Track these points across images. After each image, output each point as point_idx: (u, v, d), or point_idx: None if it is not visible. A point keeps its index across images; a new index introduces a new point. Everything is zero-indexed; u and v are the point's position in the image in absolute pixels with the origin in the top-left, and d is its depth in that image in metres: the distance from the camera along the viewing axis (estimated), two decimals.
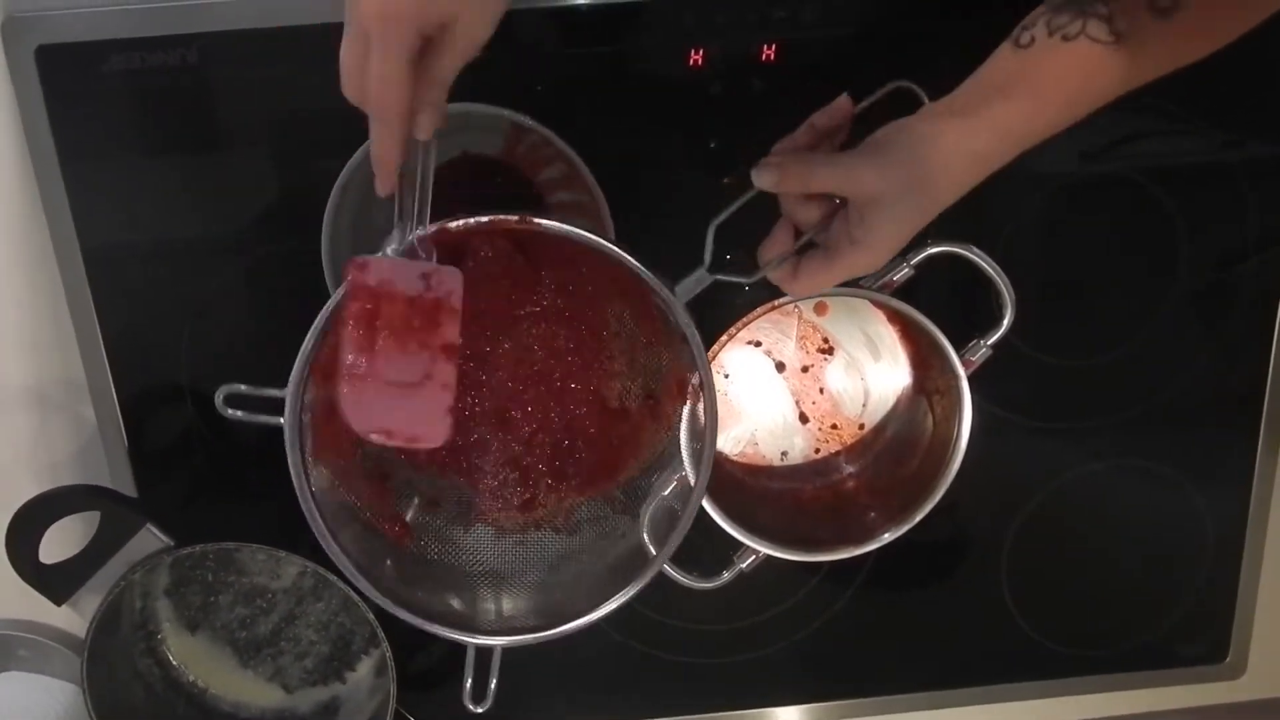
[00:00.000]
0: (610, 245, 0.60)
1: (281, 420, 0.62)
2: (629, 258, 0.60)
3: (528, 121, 0.66)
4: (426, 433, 0.58)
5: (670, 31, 0.68)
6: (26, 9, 0.65)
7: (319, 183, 0.67)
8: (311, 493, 0.63)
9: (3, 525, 0.72)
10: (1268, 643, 0.89)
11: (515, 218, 0.59)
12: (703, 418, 0.65)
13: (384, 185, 0.54)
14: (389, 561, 0.67)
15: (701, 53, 0.69)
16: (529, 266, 0.65)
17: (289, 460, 0.63)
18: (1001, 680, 0.88)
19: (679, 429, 0.69)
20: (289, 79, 0.68)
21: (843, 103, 0.61)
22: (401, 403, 0.58)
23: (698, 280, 0.63)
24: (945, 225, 0.75)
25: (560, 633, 0.67)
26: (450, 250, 0.60)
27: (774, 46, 0.69)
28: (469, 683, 0.71)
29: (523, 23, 0.67)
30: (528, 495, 0.69)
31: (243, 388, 0.64)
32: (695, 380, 0.65)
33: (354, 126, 0.65)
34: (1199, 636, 0.88)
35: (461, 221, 0.59)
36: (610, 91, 0.70)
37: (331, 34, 0.66)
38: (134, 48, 0.66)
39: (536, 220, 0.59)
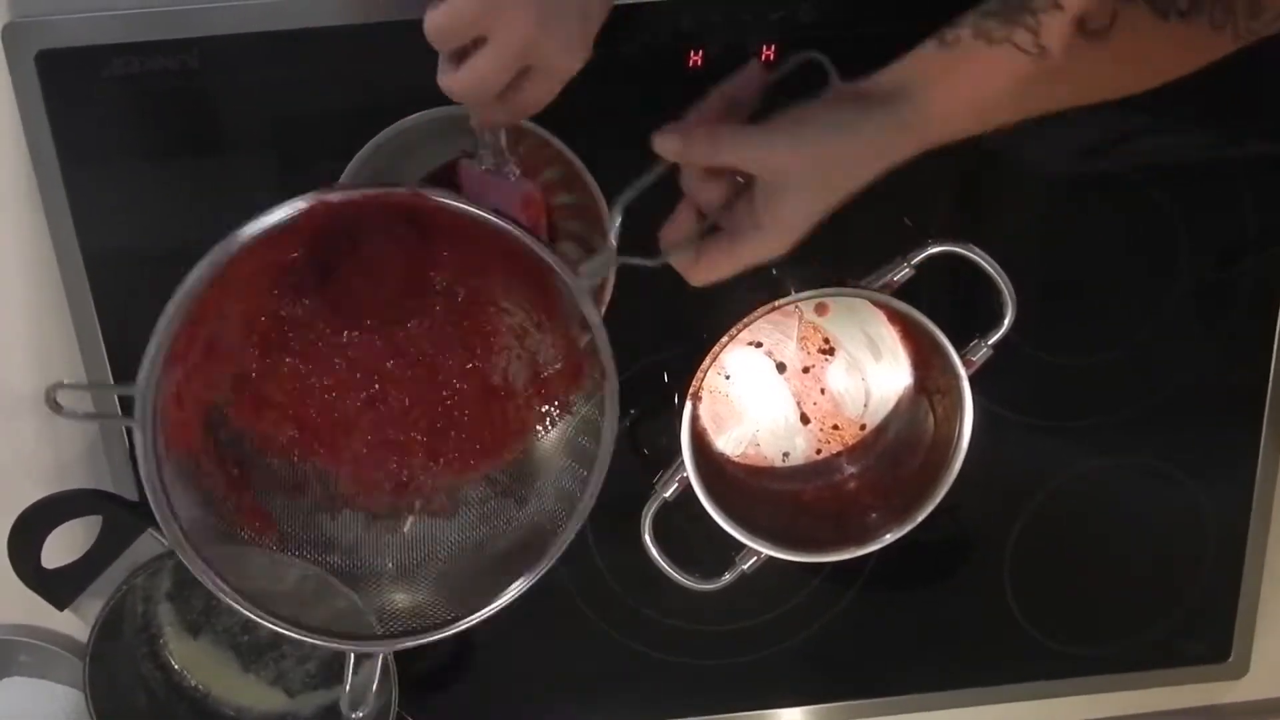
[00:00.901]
0: (508, 225, 0.56)
1: (130, 423, 0.55)
2: (531, 240, 0.56)
3: (526, 123, 0.66)
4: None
5: (669, 33, 0.69)
6: (28, 14, 0.65)
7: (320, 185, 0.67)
8: (165, 489, 0.57)
9: (5, 530, 0.72)
10: (1270, 642, 0.89)
11: (405, 189, 0.56)
12: (688, 423, 0.63)
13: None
14: (258, 567, 0.64)
15: (700, 54, 0.69)
16: (424, 245, 0.62)
17: (140, 468, 0.56)
18: (1003, 680, 0.88)
19: (680, 428, 0.69)
20: (290, 83, 0.68)
21: (755, 70, 0.58)
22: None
23: (604, 263, 0.59)
24: (945, 225, 0.75)
25: (449, 630, 0.63)
26: (339, 226, 0.57)
27: (773, 47, 0.69)
28: (348, 688, 0.68)
29: None
30: (401, 476, 0.65)
31: (69, 382, 0.58)
32: (597, 372, 0.61)
33: (354, 130, 0.66)
34: (1201, 636, 0.88)
35: (343, 193, 0.55)
36: (609, 93, 0.70)
37: (331, 37, 0.67)
38: (134, 52, 0.66)
39: (428, 194, 0.55)
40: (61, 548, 0.74)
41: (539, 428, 0.66)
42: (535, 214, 0.62)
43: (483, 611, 0.63)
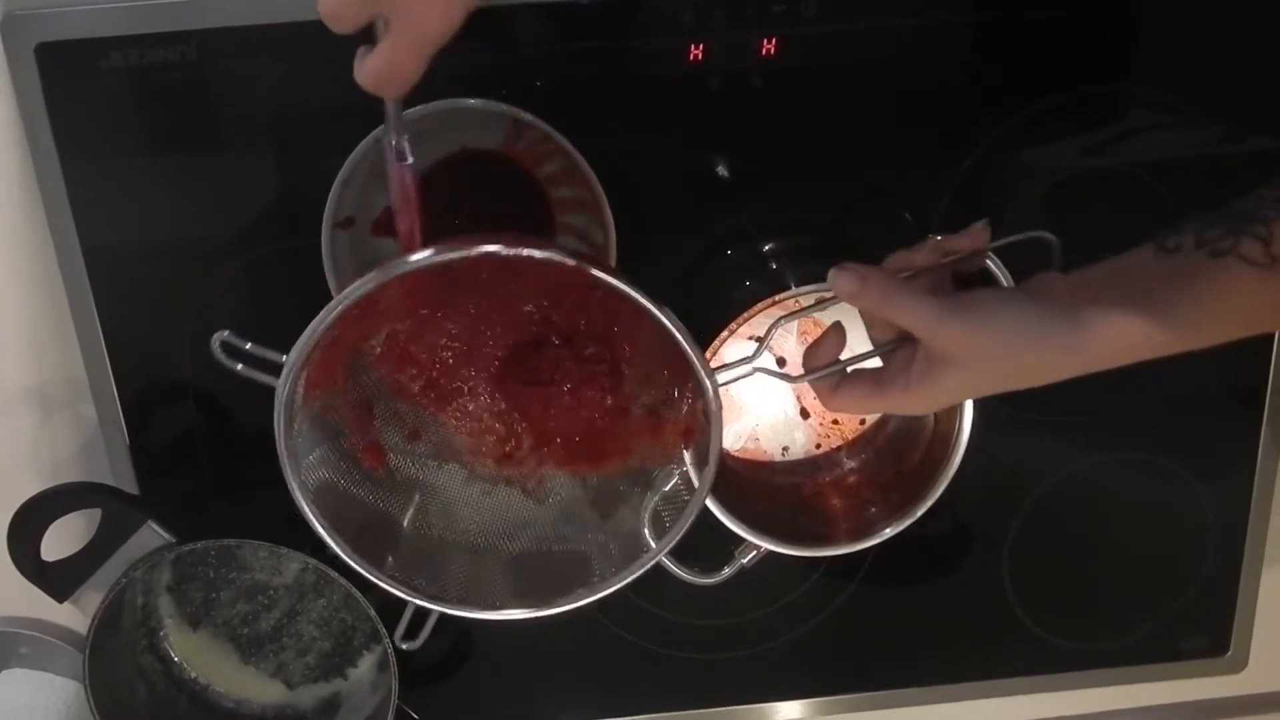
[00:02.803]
0: (669, 322, 0.57)
1: (274, 381, 0.59)
2: (687, 342, 0.57)
3: (528, 117, 0.66)
4: None
5: (670, 27, 0.68)
6: (26, 6, 0.65)
7: (320, 179, 0.67)
8: (290, 452, 0.62)
9: (4, 523, 0.72)
10: (1269, 636, 0.89)
11: (572, 263, 0.56)
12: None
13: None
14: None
15: (702, 48, 0.69)
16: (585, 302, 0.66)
17: (276, 417, 0.60)
18: (1002, 674, 0.88)
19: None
20: (289, 75, 0.68)
21: (979, 231, 0.55)
22: None
23: (740, 373, 0.60)
24: (946, 220, 0.75)
25: (504, 616, 0.68)
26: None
27: (774, 41, 0.69)
28: (405, 623, 0.74)
29: (522, 18, 0.67)
30: (508, 449, 0.70)
31: (241, 341, 0.60)
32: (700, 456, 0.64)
33: (355, 123, 0.65)
34: (1200, 630, 0.88)
35: (514, 251, 0.55)
36: (610, 87, 0.70)
37: (331, 30, 0.67)
38: (134, 44, 0.66)
39: (597, 273, 0.56)
40: (61, 540, 0.74)
41: (640, 458, 0.69)
42: (407, 203, 0.61)
43: (515, 612, 0.68)
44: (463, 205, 0.70)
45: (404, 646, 0.75)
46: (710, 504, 0.71)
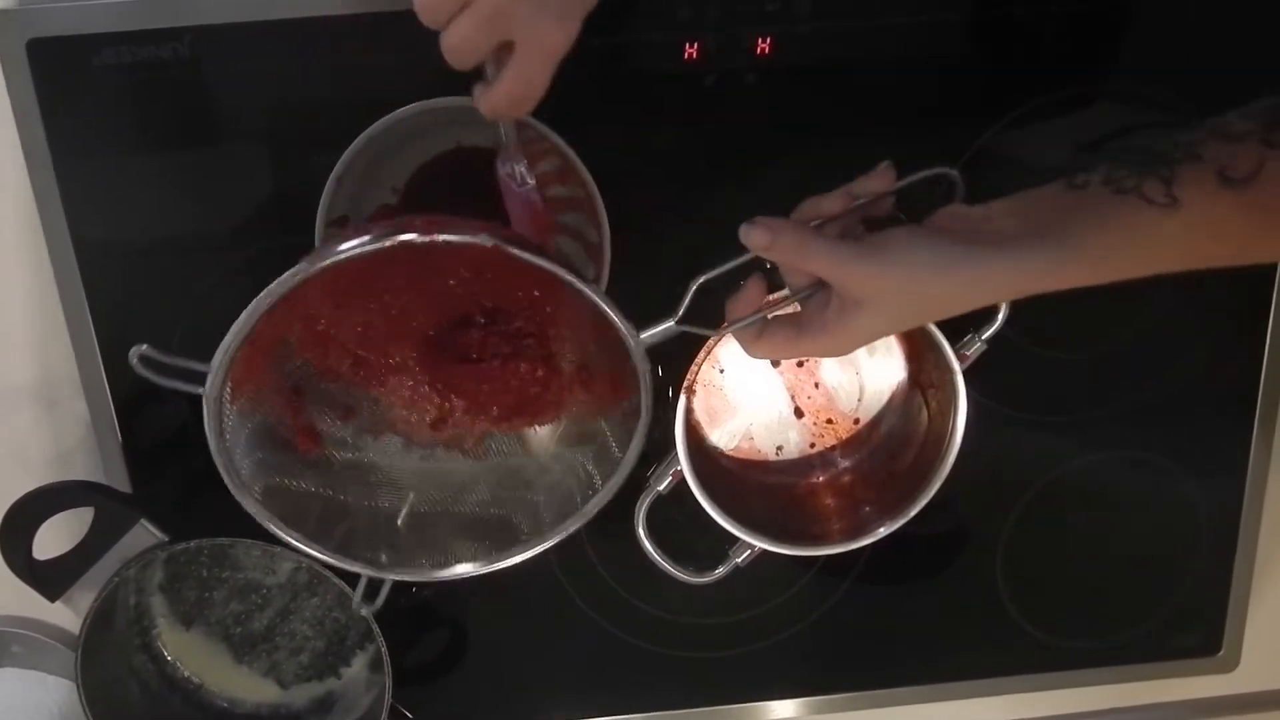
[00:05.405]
0: (580, 283, 0.58)
1: (200, 390, 0.60)
2: (603, 300, 0.59)
3: (524, 116, 0.65)
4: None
5: (665, 25, 0.68)
6: (18, 2, 0.65)
7: (314, 176, 0.67)
8: (229, 454, 0.63)
9: None
10: (1261, 635, 0.90)
11: (490, 244, 0.57)
12: (683, 416, 0.66)
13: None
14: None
15: (696, 46, 0.69)
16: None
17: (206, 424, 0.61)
18: (995, 673, 0.88)
19: (674, 421, 0.69)
20: (283, 72, 0.68)
21: (885, 172, 0.57)
22: None
23: (664, 331, 0.60)
24: None
25: (450, 576, 0.68)
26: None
27: (768, 39, 0.69)
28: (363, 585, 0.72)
29: None
30: (441, 414, 0.69)
31: (156, 352, 0.60)
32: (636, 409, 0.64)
33: (348, 120, 0.65)
34: (1193, 629, 0.89)
35: (429, 238, 0.56)
36: (605, 85, 0.70)
37: (325, 26, 0.67)
38: (126, 41, 0.66)
39: (510, 248, 0.57)
40: (53, 539, 0.73)
41: (575, 409, 0.69)
42: (539, 224, 0.63)
43: (466, 567, 0.68)
44: (456, 203, 0.69)
45: (363, 612, 0.73)
46: (704, 502, 0.71)
